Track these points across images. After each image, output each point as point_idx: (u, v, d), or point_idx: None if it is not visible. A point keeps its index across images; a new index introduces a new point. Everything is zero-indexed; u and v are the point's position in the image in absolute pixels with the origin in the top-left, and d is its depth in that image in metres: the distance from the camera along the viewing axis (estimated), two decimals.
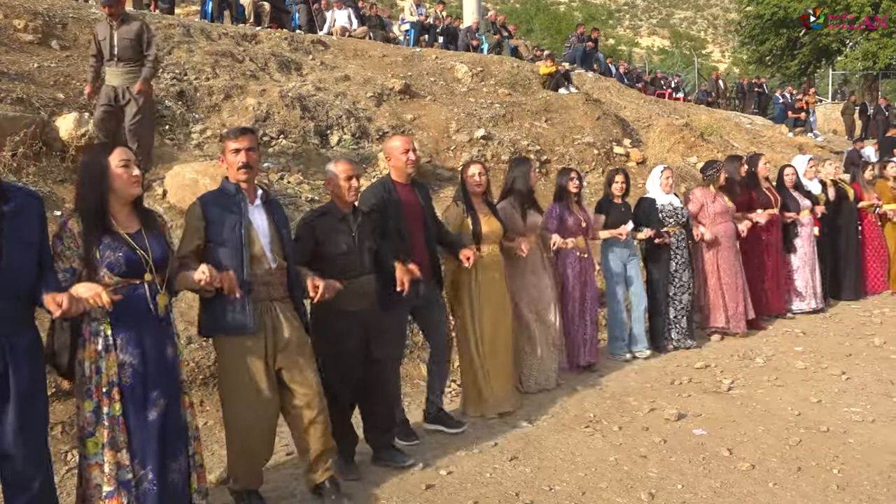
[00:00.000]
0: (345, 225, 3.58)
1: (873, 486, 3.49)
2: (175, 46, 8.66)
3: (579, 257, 5.47)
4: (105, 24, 6.16)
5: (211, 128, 7.45)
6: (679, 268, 6.06)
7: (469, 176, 4.56)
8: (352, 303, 3.52)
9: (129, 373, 2.69)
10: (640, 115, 13.14)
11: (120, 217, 2.74)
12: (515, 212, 4.92)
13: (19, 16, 7.57)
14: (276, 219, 3.30)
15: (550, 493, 3.49)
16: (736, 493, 3.46)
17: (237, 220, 3.13)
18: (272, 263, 3.20)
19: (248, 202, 3.21)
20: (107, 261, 2.64)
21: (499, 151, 9.15)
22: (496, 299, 4.57)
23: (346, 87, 9.39)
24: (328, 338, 3.54)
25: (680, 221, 6.06)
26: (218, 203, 3.17)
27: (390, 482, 3.61)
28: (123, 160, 2.72)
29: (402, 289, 3.62)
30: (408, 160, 4.06)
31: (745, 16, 29.72)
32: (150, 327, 2.76)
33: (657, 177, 6.16)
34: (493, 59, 12.85)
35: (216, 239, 3.10)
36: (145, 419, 2.71)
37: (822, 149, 15.98)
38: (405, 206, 4.02)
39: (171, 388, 2.82)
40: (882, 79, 25.92)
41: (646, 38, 57.68)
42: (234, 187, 3.20)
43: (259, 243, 3.17)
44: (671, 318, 6.07)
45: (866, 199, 8.06)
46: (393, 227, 3.92)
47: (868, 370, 5.36)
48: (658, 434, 4.18)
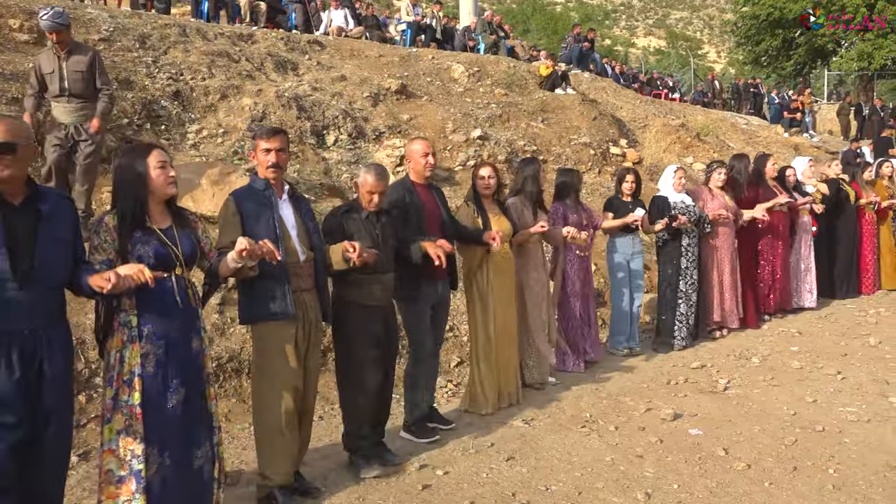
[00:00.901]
0: (369, 223, 3.74)
1: (869, 486, 3.50)
2: (171, 46, 8.63)
3: (578, 255, 5.56)
4: (50, 54, 5.35)
5: (207, 128, 7.44)
6: (690, 265, 6.14)
7: (480, 178, 4.67)
8: (374, 297, 3.71)
9: (152, 363, 2.78)
10: (636, 116, 13.16)
11: (154, 214, 2.88)
12: (526, 209, 5.03)
13: (14, 15, 7.54)
14: (303, 213, 3.46)
15: (547, 493, 3.50)
16: (732, 492, 3.46)
17: (270, 215, 3.28)
18: (301, 256, 3.35)
19: (277, 197, 3.35)
20: (137, 253, 2.77)
21: (495, 151, 9.15)
22: (506, 297, 4.70)
23: (343, 88, 9.38)
24: (352, 333, 3.72)
25: (692, 219, 6.11)
26: (250, 198, 3.31)
27: (387, 482, 3.61)
28: (161, 162, 2.85)
29: (440, 262, 3.79)
30: (426, 163, 4.20)
31: (741, 16, 29.77)
32: (177, 319, 2.84)
33: (670, 176, 6.23)
34: (489, 60, 12.84)
35: (251, 233, 3.18)
36: (164, 406, 2.78)
37: (817, 149, 16.01)
38: (425, 207, 4.16)
39: (194, 379, 2.90)
40: (877, 79, 25.99)
41: (642, 39, 57.76)
42: (264, 183, 3.35)
43: (289, 236, 3.33)
44: (683, 313, 6.13)
45: (865, 197, 8.12)
46: (415, 226, 4.05)
47: (863, 370, 5.38)
48: (654, 434, 4.19)
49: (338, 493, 3.48)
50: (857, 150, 15.38)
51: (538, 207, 5.13)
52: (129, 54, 8.01)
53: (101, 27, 8.25)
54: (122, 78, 7.39)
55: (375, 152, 8.15)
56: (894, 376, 5.21)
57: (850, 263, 8.06)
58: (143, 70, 7.79)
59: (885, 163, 8.92)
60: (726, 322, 6.51)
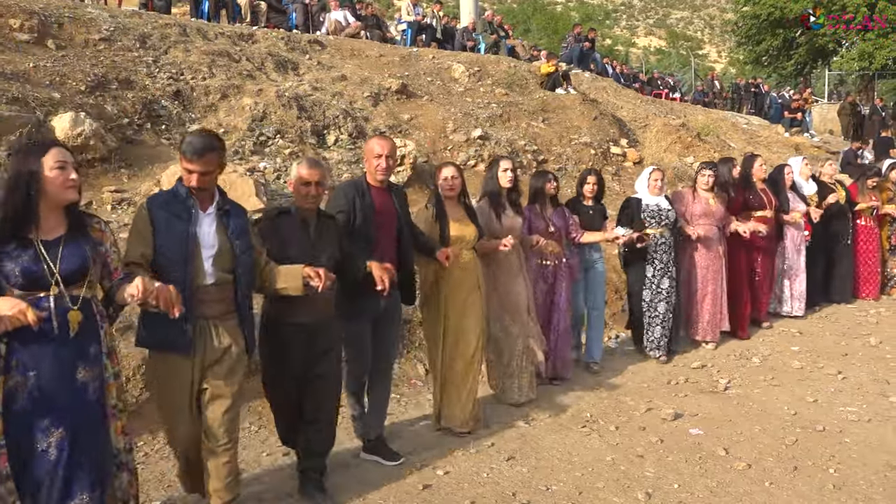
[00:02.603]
0: (303, 228, 3.33)
1: (869, 486, 3.50)
2: (171, 46, 8.64)
3: (542, 264, 5.09)
4: None
5: (208, 127, 7.44)
6: (657, 273, 5.71)
7: (443, 178, 4.31)
8: (301, 313, 3.26)
9: (21, 398, 2.38)
10: (636, 116, 13.15)
11: (46, 222, 2.46)
12: (491, 213, 4.67)
13: (15, 15, 7.55)
14: (231, 228, 2.95)
15: (547, 492, 3.49)
16: (732, 492, 3.46)
17: (184, 229, 2.84)
18: (210, 279, 2.87)
19: (199, 209, 2.90)
20: (4, 271, 2.36)
21: (496, 151, 9.15)
22: (465, 310, 4.25)
23: (343, 87, 9.38)
24: (273, 352, 3.37)
25: (663, 223, 5.73)
26: (167, 207, 2.87)
27: (386, 482, 3.61)
28: (60, 162, 2.45)
29: (383, 287, 3.33)
30: (378, 167, 3.70)
31: (742, 16, 29.74)
32: (52, 347, 2.42)
33: (645, 178, 5.87)
34: (490, 59, 12.85)
35: (162, 248, 2.82)
36: (33, 450, 2.39)
37: (818, 149, 16.01)
38: (377, 211, 3.70)
39: (77, 416, 2.47)
40: (878, 79, 25.98)
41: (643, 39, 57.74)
42: (186, 191, 2.89)
43: (200, 257, 2.86)
44: (648, 325, 5.76)
45: (862, 201, 7.82)
46: (359, 231, 3.61)
47: (864, 370, 5.38)
48: (655, 434, 4.19)
49: (337, 493, 3.48)
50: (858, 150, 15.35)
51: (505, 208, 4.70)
52: (129, 54, 8.02)
53: (102, 27, 8.26)
54: (122, 77, 7.40)
55: None
56: (895, 376, 5.21)
57: (845, 268, 7.70)
58: (144, 70, 7.80)
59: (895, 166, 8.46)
60: (706, 336, 6.08)
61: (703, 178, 6.10)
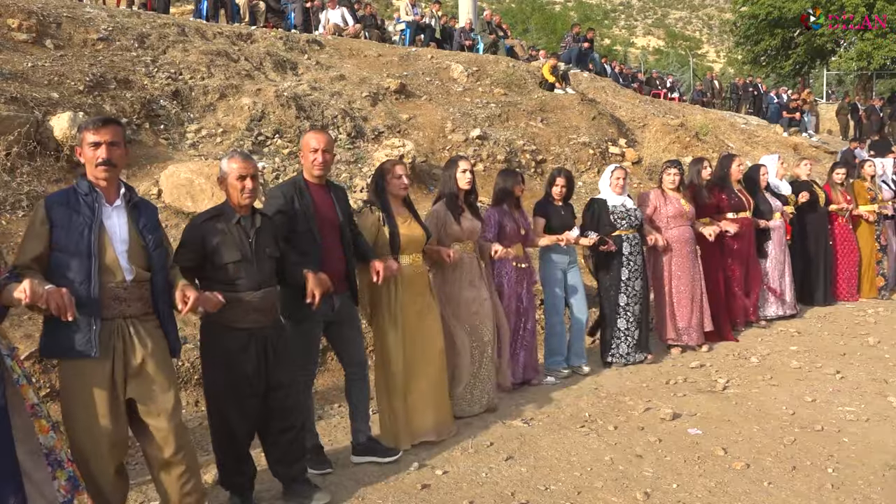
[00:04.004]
0: (240, 230, 3.14)
1: (868, 486, 3.50)
2: (170, 46, 8.64)
3: (516, 267, 5.00)
4: None
5: (206, 127, 7.45)
6: (632, 276, 5.53)
7: (396, 177, 4.02)
8: (247, 319, 3.11)
9: None
10: (635, 115, 13.16)
11: None
12: (448, 215, 4.41)
13: (13, 15, 7.54)
14: (142, 223, 2.83)
15: (546, 492, 3.50)
16: (731, 492, 3.46)
17: (87, 224, 2.67)
18: (128, 275, 2.73)
19: (103, 203, 2.75)
20: None
21: (494, 151, 9.16)
22: (420, 316, 4.05)
23: (342, 87, 9.39)
24: (219, 360, 3.15)
25: (633, 224, 5.57)
26: (67, 203, 2.71)
27: (385, 482, 3.60)
28: None
29: (313, 302, 3.20)
30: (315, 161, 3.53)
31: (740, 16, 29.79)
32: None
33: (607, 177, 5.66)
34: (488, 59, 12.85)
35: (61, 245, 2.65)
36: None
37: (816, 149, 16.03)
38: (317, 209, 3.55)
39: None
40: (876, 79, 26.02)
41: (641, 39, 57.81)
42: (88, 185, 2.74)
43: (112, 251, 2.71)
44: (622, 329, 5.55)
45: (835, 202, 7.72)
46: (303, 231, 3.46)
47: (862, 369, 5.38)
48: (653, 433, 4.19)
49: (337, 493, 3.48)
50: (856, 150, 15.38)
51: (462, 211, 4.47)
52: (127, 54, 8.02)
53: (100, 26, 8.26)
54: (120, 77, 7.39)
55: (374, 152, 8.15)
56: (893, 376, 5.21)
57: (823, 270, 7.57)
58: (142, 69, 7.80)
59: (866, 163, 8.46)
60: (681, 339, 5.89)
61: (668, 177, 5.94)
